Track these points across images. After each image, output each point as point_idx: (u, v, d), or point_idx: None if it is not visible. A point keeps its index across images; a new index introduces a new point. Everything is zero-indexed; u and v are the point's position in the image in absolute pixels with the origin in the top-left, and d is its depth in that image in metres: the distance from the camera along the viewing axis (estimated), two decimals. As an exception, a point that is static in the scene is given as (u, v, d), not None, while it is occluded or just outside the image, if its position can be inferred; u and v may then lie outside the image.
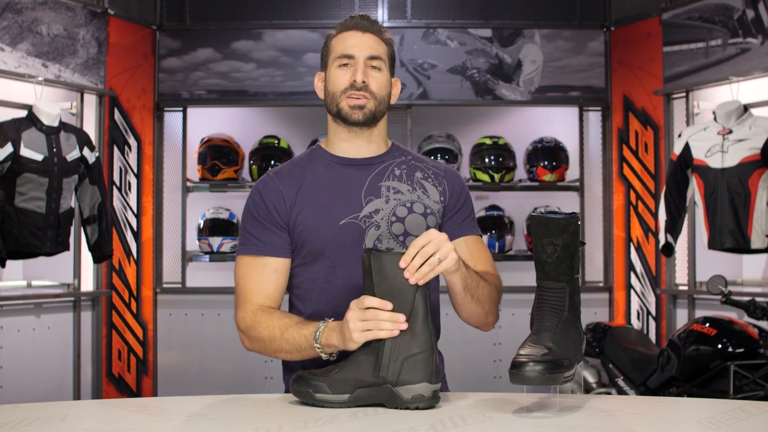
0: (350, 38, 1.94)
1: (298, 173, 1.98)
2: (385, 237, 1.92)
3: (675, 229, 4.25)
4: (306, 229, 1.92)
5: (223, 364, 5.17)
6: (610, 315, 5.21)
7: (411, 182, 1.98)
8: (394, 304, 1.67)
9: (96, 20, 4.76)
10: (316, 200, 1.93)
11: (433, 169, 2.03)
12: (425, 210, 1.96)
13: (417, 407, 1.67)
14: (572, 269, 1.68)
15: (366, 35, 1.94)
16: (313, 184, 1.95)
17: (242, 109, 5.42)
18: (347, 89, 1.92)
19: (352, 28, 1.95)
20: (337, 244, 1.91)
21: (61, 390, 4.62)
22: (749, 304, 3.47)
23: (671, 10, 4.79)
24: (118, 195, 4.96)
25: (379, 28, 1.97)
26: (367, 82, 1.92)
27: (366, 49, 1.93)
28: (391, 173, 1.98)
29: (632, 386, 3.89)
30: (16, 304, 4.41)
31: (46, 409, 1.69)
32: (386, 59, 1.96)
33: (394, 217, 1.93)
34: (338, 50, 1.94)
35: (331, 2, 5.21)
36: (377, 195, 1.94)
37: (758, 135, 3.94)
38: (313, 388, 1.71)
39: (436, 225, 1.97)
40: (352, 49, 1.93)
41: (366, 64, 1.92)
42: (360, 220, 1.92)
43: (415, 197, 1.96)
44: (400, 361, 1.67)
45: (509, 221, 5.17)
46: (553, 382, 1.59)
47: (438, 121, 5.34)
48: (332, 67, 1.95)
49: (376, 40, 1.95)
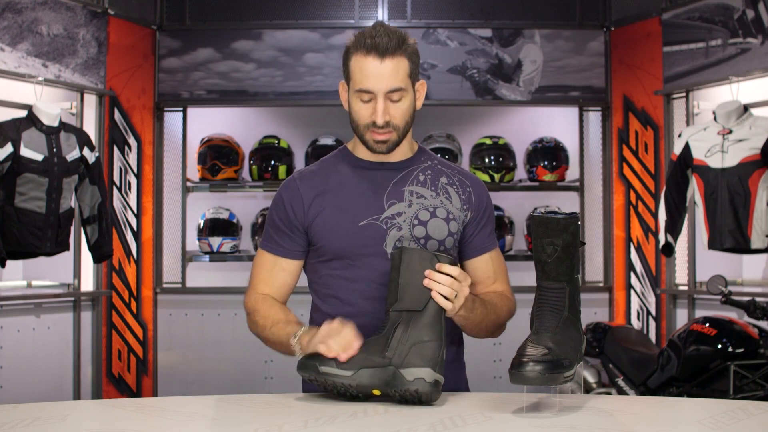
0: (368, 68, 1.88)
1: (322, 175, 2.02)
2: (407, 239, 1.95)
3: (675, 229, 4.25)
4: (323, 229, 1.96)
5: (223, 364, 5.17)
6: (610, 315, 5.21)
7: (435, 187, 2.00)
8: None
9: (96, 20, 4.76)
10: (337, 202, 1.97)
11: (459, 177, 2.05)
12: (448, 215, 1.98)
13: (417, 391, 1.68)
14: (572, 269, 1.68)
15: (384, 63, 1.87)
16: (337, 186, 1.99)
17: (242, 109, 5.42)
18: (369, 125, 1.92)
19: (371, 51, 1.87)
20: (356, 244, 1.94)
21: (61, 390, 4.62)
22: (749, 304, 3.47)
23: (671, 10, 4.79)
24: (118, 195, 4.96)
25: (399, 41, 1.89)
26: (389, 118, 1.91)
27: (385, 82, 1.88)
28: (415, 178, 2.00)
29: (632, 386, 3.89)
30: (16, 304, 4.41)
31: (46, 409, 1.69)
32: (408, 80, 1.92)
33: (417, 220, 1.95)
34: (357, 81, 1.90)
35: (331, 2, 5.21)
36: (400, 199, 1.97)
37: (758, 135, 3.94)
38: (318, 361, 1.73)
39: (458, 231, 2.00)
40: (371, 83, 1.88)
41: (386, 98, 1.89)
42: (381, 222, 1.95)
43: (438, 202, 1.99)
44: (409, 345, 1.73)
45: (509, 221, 5.17)
46: (553, 382, 1.59)
47: (438, 121, 5.34)
48: (353, 96, 1.93)
49: (396, 66, 1.88)
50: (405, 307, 1.77)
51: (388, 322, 1.77)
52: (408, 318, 1.76)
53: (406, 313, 1.76)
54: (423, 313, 1.76)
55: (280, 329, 1.91)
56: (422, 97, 2.00)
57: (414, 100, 1.96)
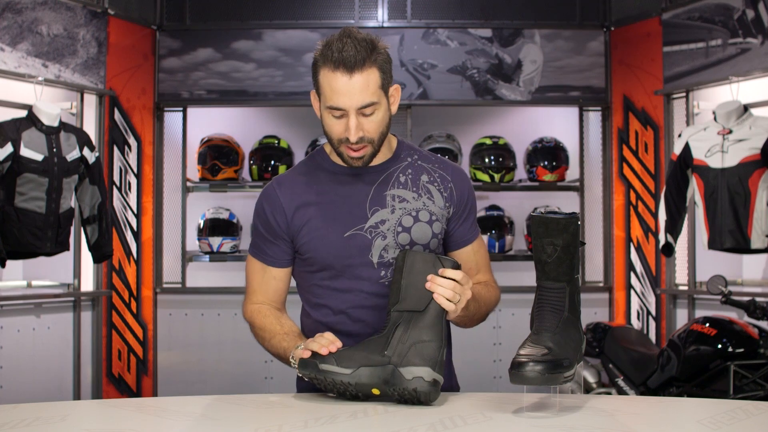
0: (337, 84, 1.81)
1: (301, 183, 1.99)
2: (392, 247, 1.93)
3: (675, 229, 4.25)
4: (310, 241, 1.95)
5: (223, 364, 5.17)
6: (610, 315, 5.21)
7: (417, 188, 1.98)
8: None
9: (96, 20, 4.76)
10: (321, 213, 1.94)
11: (440, 172, 2.02)
12: (431, 217, 1.97)
13: (415, 389, 1.68)
14: (572, 269, 1.68)
15: (354, 78, 1.80)
16: (318, 196, 1.96)
17: (242, 109, 5.42)
18: (343, 140, 1.87)
19: (338, 66, 1.80)
20: (342, 255, 1.93)
21: (61, 390, 4.62)
22: (749, 304, 3.47)
23: (671, 10, 4.79)
24: (118, 195, 4.96)
25: (367, 51, 1.81)
26: (363, 133, 1.86)
27: (355, 98, 1.82)
28: (396, 180, 1.97)
29: (632, 386, 3.89)
30: (16, 304, 4.41)
31: (46, 409, 1.69)
32: (380, 91, 1.85)
33: (400, 227, 1.94)
34: (327, 96, 1.84)
35: (331, 2, 5.21)
36: (383, 205, 1.95)
37: (758, 135, 3.94)
38: (319, 359, 1.74)
39: (441, 230, 1.99)
40: (341, 100, 1.82)
41: (358, 114, 1.84)
42: (365, 231, 1.93)
43: (420, 205, 1.97)
44: (409, 344, 1.75)
45: (509, 221, 5.17)
46: (553, 382, 1.59)
47: (438, 121, 5.34)
48: (324, 111, 1.88)
49: (365, 80, 1.81)
50: (406, 307, 1.77)
51: (389, 322, 1.78)
52: (409, 318, 1.77)
53: (407, 313, 1.77)
54: (424, 313, 1.77)
55: (278, 342, 1.92)
56: (397, 102, 1.95)
57: (388, 109, 1.90)
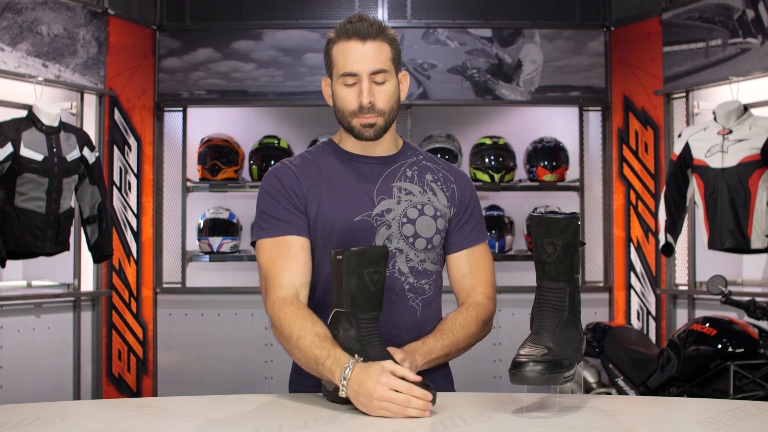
0: (351, 51, 1.90)
1: (312, 164, 1.99)
2: (396, 237, 1.94)
3: (675, 229, 4.25)
4: (323, 220, 1.93)
5: (223, 364, 5.17)
6: (610, 315, 5.21)
7: (422, 184, 2.01)
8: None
9: (96, 20, 4.76)
10: (332, 195, 1.95)
11: (443, 172, 2.05)
12: (435, 212, 1.99)
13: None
14: (572, 269, 1.68)
15: (366, 45, 1.89)
16: (328, 177, 1.97)
17: (242, 109, 5.42)
18: (355, 111, 1.92)
19: (352, 37, 1.90)
20: (348, 239, 1.93)
21: (61, 390, 4.62)
22: (749, 304, 3.47)
23: (671, 10, 4.79)
24: (118, 195, 4.96)
25: (379, 28, 1.92)
26: (374, 101, 1.91)
27: (368, 63, 1.89)
28: (402, 174, 2.00)
29: (632, 386, 3.89)
30: (16, 304, 4.41)
31: (46, 409, 1.69)
32: (391, 64, 1.93)
33: (405, 218, 1.95)
34: (340, 65, 1.91)
35: (331, 2, 5.21)
36: (389, 195, 1.96)
37: (758, 135, 3.94)
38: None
39: (444, 228, 2.00)
40: (354, 65, 1.89)
41: (370, 80, 1.90)
42: (372, 218, 1.94)
43: (425, 199, 1.99)
44: None
45: (509, 221, 5.17)
46: (553, 382, 1.59)
47: (438, 121, 5.34)
48: (337, 83, 1.94)
49: (378, 48, 1.91)
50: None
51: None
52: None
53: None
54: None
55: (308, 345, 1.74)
56: (406, 89, 2.02)
57: (398, 87, 1.96)
